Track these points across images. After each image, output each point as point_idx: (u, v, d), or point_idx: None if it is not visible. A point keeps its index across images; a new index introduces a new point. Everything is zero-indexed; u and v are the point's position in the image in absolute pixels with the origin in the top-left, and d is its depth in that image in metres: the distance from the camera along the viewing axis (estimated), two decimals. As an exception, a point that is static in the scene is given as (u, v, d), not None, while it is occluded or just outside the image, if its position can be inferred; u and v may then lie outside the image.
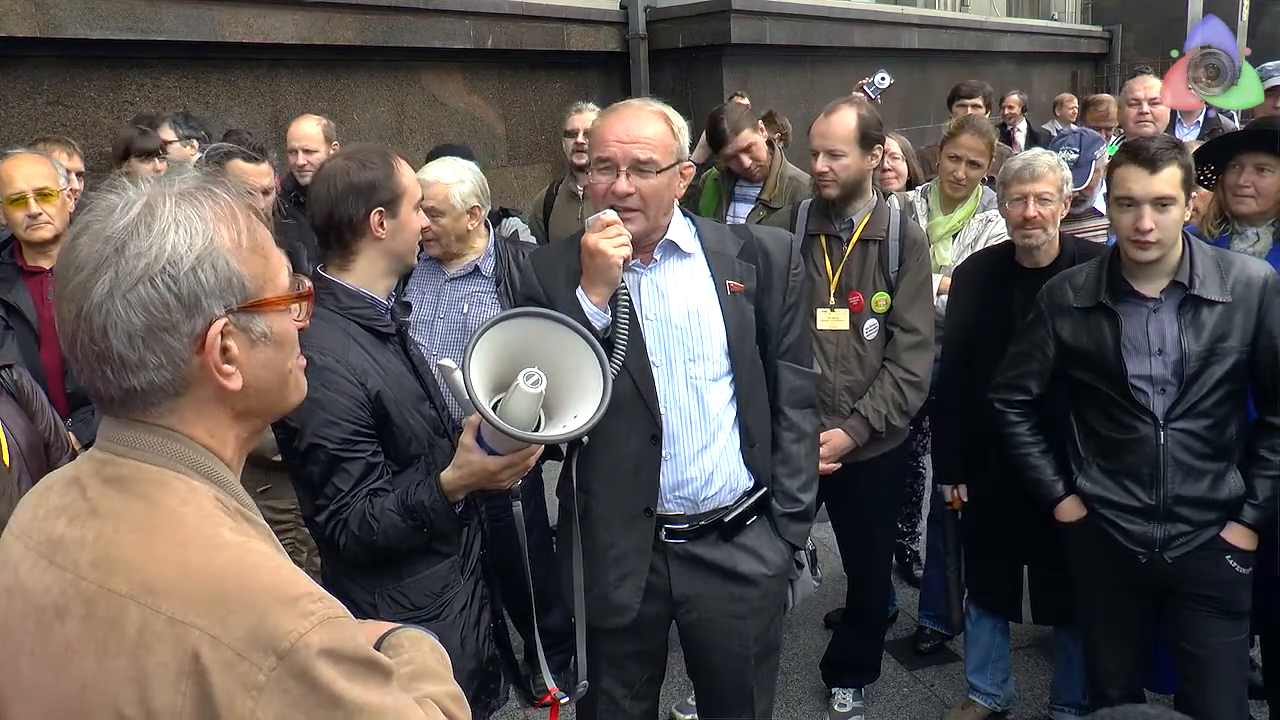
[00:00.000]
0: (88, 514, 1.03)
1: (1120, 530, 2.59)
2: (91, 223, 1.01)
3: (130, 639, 0.95)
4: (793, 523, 2.36)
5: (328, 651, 0.96)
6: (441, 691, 1.19)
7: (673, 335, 2.21)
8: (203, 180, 1.06)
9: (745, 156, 4.02)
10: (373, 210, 2.06)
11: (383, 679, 1.03)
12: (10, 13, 4.38)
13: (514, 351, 1.84)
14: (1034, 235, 2.93)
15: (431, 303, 3.14)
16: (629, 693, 2.44)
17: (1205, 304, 2.45)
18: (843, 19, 8.40)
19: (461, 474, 1.93)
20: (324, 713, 0.95)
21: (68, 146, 3.97)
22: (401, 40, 5.99)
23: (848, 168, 3.01)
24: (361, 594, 2.08)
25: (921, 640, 3.85)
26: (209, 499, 1.04)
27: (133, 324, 0.98)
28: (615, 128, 2.13)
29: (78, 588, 0.99)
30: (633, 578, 2.27)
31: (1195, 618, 2.58)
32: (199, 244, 1.00)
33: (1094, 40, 13.59)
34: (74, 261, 0.99)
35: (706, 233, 2.30)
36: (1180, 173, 2.44)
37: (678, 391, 2.22)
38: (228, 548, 1.00)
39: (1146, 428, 2.51)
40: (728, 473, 2.28)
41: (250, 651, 0.93)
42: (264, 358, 1.07)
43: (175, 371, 1.01)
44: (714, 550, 2.30)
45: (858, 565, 3.40)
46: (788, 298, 2.31)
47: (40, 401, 2.37)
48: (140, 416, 1.04)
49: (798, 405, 2.37)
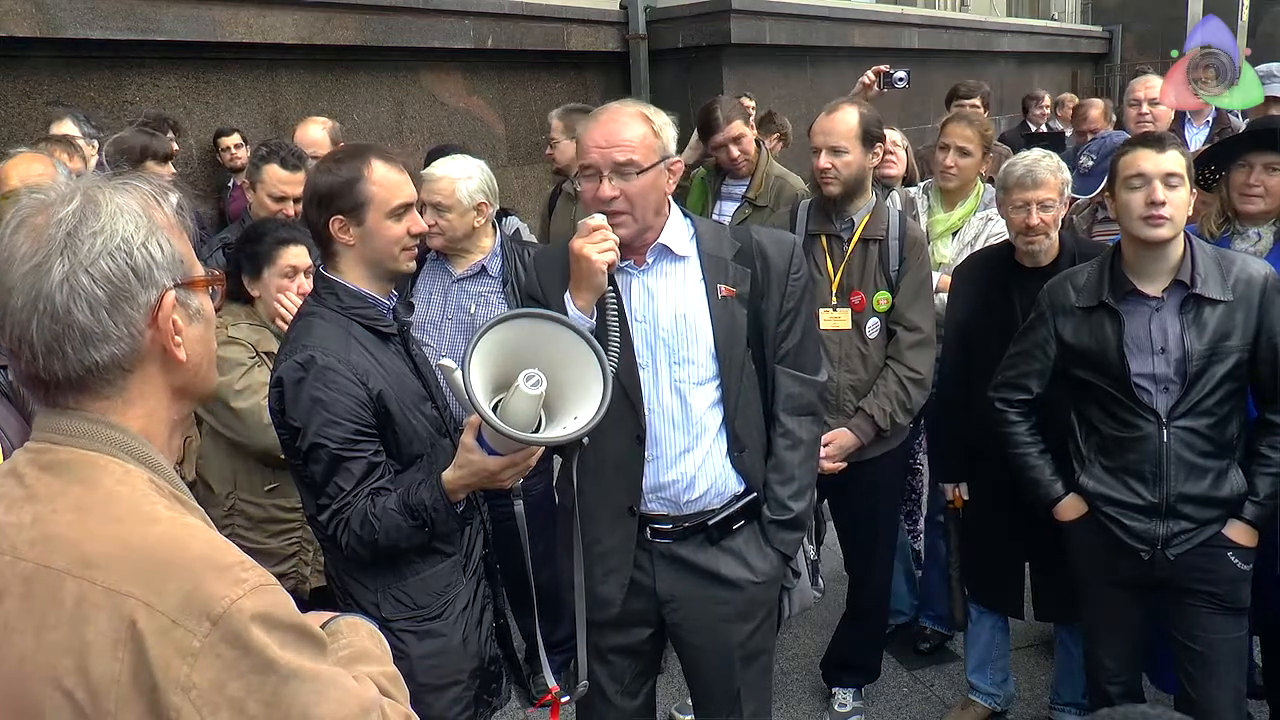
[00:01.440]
0: (24, 499, 1.06)
1: (1123, 528, 2.59)
2: (27, 218, 1.05)
3: (68, 611, 0.98)
4: (781, 530, 2.33)
5: (260, 617, 0.99)
6: (378, 671, 1.21)
7: (659, 338, 2.21)
8: (120, 176, 1.13)
9: (734, 147, 4.02)
10: (332, 218, 2.04)
11: (316, 648, 1.05)
12: (10, 13, 4.38)
13: (515, 352, 1.84)
14: (1037, 241, 2.93)
15: (439, 303, 3.15)
16: (619, 688, 2.44)
17: (1207, 303, 2.45)
18: (843, 19, 8.39)
19: (462, 474, 1.94)
20: (258, 678, 0.97)
21: (69, 147, 3.96)
22: (401, 40, 6.00)
23: (849, 165, 3.02)
24: (364, 593, 2.09)
25: (921, 640, 3.85)
26: (143, 480, 1.08)
27: (97, 295, 1.03)
28: (594, 134, 2.13)
29: (15, 569, 1.02)
30: (616, 574, 2.28)
31: (1196, 614, 2.58)
32: (144, 224, 1.08)
33: (1094, 40, 13.59)
34: (17, 254, 1.04)
35: (704, 234, 2.29)
36: (1184, 159, 2.49)
37: (662, 394, 2.22)
38: (162, 521, 1.04)
39: (1149, 426, 2.51)
40: (712, 477, 2.26)
41: (184, 618, 0.96)
42: (198, 333, 1.14)
43: (132, 344, 1.07)
44: (699, 553, 2.30)
45: (859, 564, 3.40)
46: (785, 302, 2.28)
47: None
48: (81, 402, 1.08)
49: (795, 412, 2.33)
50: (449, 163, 3.18)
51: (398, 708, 1.16)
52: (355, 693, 1.06)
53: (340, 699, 1.03)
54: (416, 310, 3.28)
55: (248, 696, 0.97)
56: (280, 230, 2.84)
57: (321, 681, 1.02)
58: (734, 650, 2.37)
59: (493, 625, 2.26)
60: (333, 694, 1.03)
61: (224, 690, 0.96)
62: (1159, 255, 2.49)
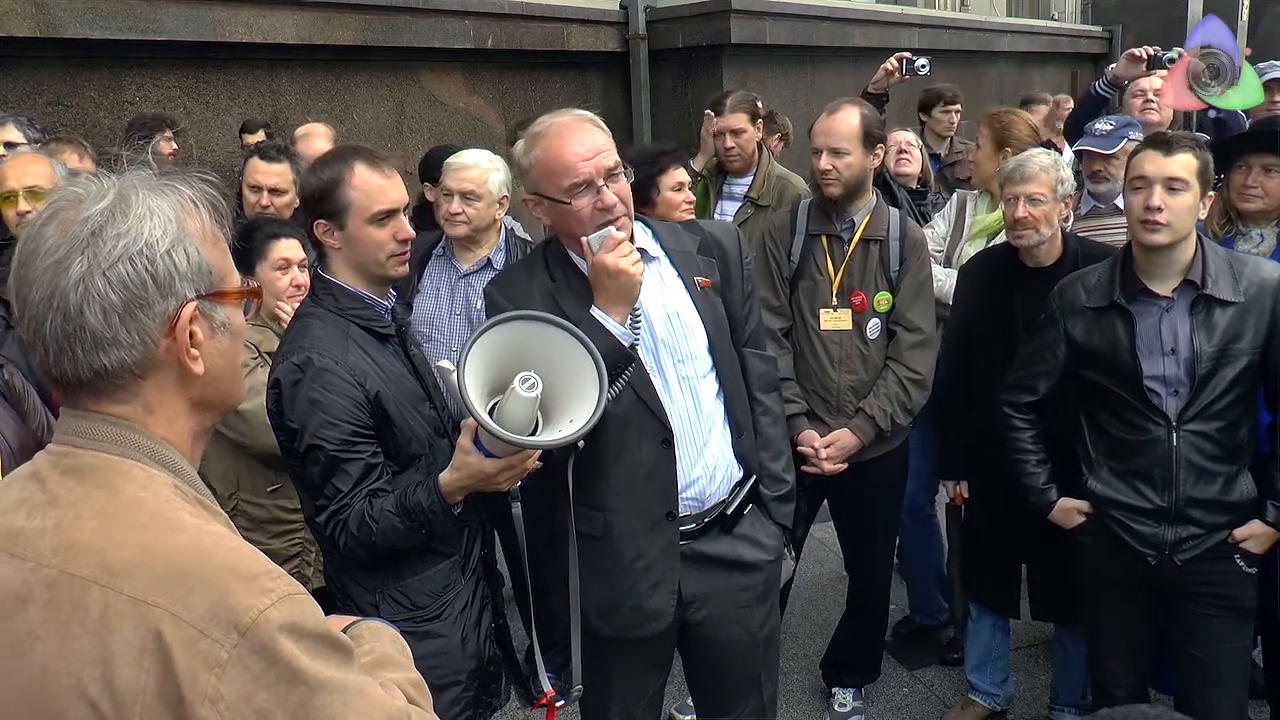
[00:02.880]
0: (47, 504, 1.05)
1: (1130, 532, 2.58)
2: (60, 210, 1.03)
3: (93, 619, 0.97)
4: (782, 504, 2.40)
5: (288, 627, 0.98)
6: (403, 678, 1.20)
7: (658, 339, 2.21)
8: (165, 176, 1.10)
9: (730, 138, 4.04)
10: (315, 221, 2.04)
11: (343, 657, 1.04)
12: (10, 13, 4.38)
13: (511, 354, 1.84)
14: (1025, 235, 2.94)
15: (446, 298, 3.15)
16: (643, 702, 2.44)
17: (1217, 304, 2.44)
18: (843, 19, 8.38)
19: (459, 476, 1.93)
20: (285, 688, 0.96)
21: (79, 147, 3.95)
22: (401, 40, 5.99)
23: (851, 166, 3.02)
24: (363, 594, 2.08)
25: (951, 650, 3.81)
26: (167, 485, 1.06)
27: (111, 300, 1.01)
28: (574, 147, 2.04)
29: (39, 575, 1.01)
30: (664, 584, 2.26)
31: (1202, 621, 2.57)
32: (172, 230, 1.05)
33: (1094, 40, 13.57)
34: (43, 247, 1.02)
35: (663, 233, 2.31)
36: (1196, 162, 2.45)
37: (675, 394, 2.22)
38: (186, 529, 1.02)
39: (1159, 429, 2.50)
40: (725, 466, 2.29)
41: (212, 628, 0.95)
42: (221, 346, 1.12)
43: (144, 351, 1.04)
44: (718, 544, 2.31)
45: (859, 564, 3.40)
46: (745, 285, 2.35)
47: (33, 401, 2.35)
48: (100, 405, 1.06)
49: (766, 389, 2.41)
50: (477, 153, 3.19)
51: (424, 715, 1.15)
52: (382, 702, 1.05)
53: (368, 710, 1.02)
54: (423, 306, 3.29)
55: (276, 708, 0.96)
56: (269, 226, 2.90)
57: (349, 692, 1.01)
58: (757, 634, 2.40)
59: (491, 626, 2.26)
60: (360, 704, 1.02)
61: (252, 701, 0.95)
62: (1165, 256, 2.48)
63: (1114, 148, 3.44)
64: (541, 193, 2.11)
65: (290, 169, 3.57)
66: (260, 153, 3.60)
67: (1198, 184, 2.44)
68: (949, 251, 3.68)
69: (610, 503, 2.20)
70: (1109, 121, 3.63)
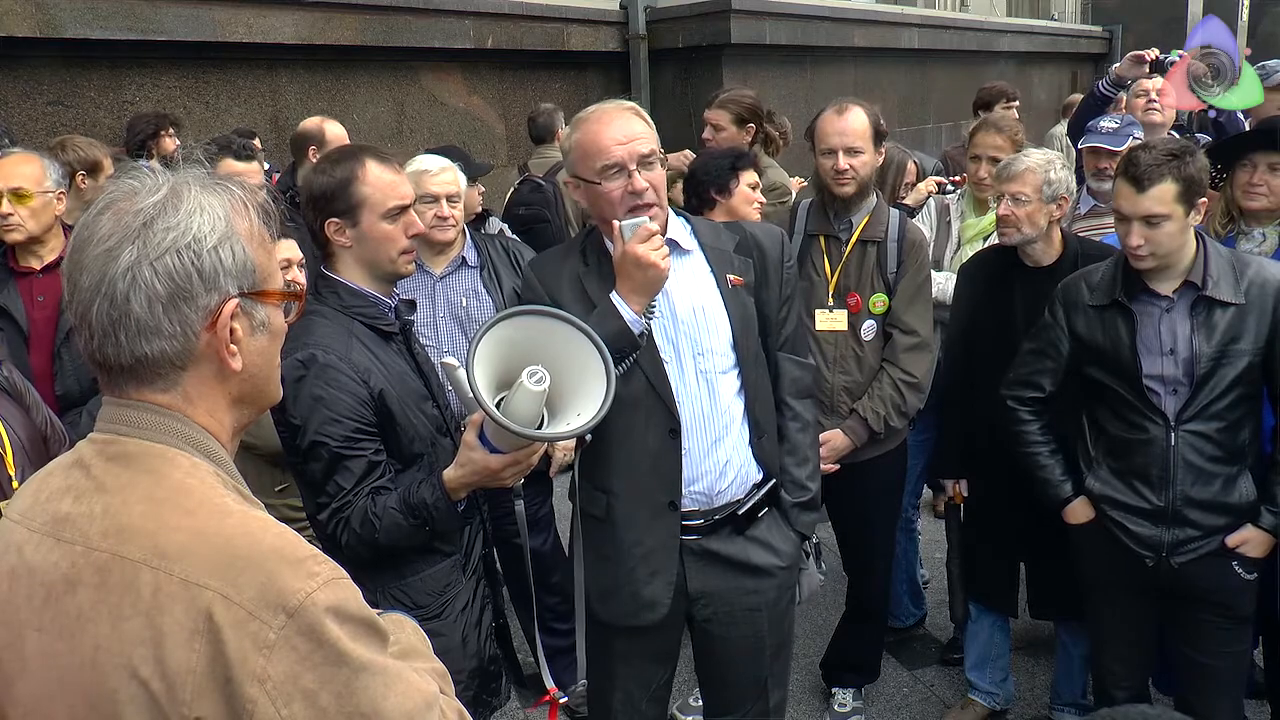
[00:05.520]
0: (94, 490, 1.07)
1: (1127, 533, 2.58)
2: (115, 201, 1.07)
3: (145, 601, 0.99)
4: (803, 512, 2.39)
5: (333, 609, 1.00)
6: (428, 668, 1.23)
7: (680, 330, 2.22)
8: (216, 176, 1.13)
9: (709, 130, 4.13)
10: (327, 220, 2.04)
11: (381, 641, 1.07)
12: (10, 13, 4.39)
13: (517, 349, 1.84)
14: (1007, 233, 2.95)
15: (427, 305, 3.13)
16: (647, 694, 2.44)
17: (1218, 305, 2.44)
18: (843, 19, 8.39)
19: (464, 472, 1.93)
20: (330, 670, 0.99)
21: (101, 149, 3.90)
22: (401, 40, 6.00)
23: (865, 164, 3.02)
24: (363, 592, 2.07)
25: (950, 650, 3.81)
26: (210, 473, 1.09)
27: (156, 289, 1.04)
28: (610, 131, 2.11)
29: (89, 558, 1.03)
30: (662, 574, 2.27)
31: (1200, 626, 2.57)
32: (220, 227, 1.08)
33: (1094, 40, 13.58)
34: (96, 235, 1.05)
35: (702, 229, 2.33)
36: (1174, 187, 2.38)
37: (689, 386, 2.23)
38: (234, 514, 1.05)
39: (1157, 429, 2.50)
40: (739, 465, 2.29)
41: (261, 610, 0.97)
42: (260, 345, 1.14)
43: (185, 343, 1.07)
44: (728, 544, 2.31)
45: (858, 565, 3.40)
46: (784, 290, 2.35)
47: (33, 397, 2.35)
48: (142, 394, 1.09)
49: (799, 395, 2.40)
50: (430, 158, 3.16)
51: (452, 703, 1.18)
52: (419, 686, 1.08)
53: (406, 692, 1.05)
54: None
55: (321, 688, 0.98)
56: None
57: (390, 674, 1.04)
58: (765, 640, 2.39)
59: (492, 625, 2.26)
60: (400, 687, 1.05)
61: (298, 682, 0.97)
62: (1163, 262, 2.47)
63: (1122, 144, 3.45)
64: (578, 175, 2.17)
65: (259, 166, 3.57)
66: (233, 151, 3.55)
67: (1180, 207, 2.39)
68: (935, 255, 3.69)
69: (613, 485, 2.22)
70: (1114, 119, 3.65)
